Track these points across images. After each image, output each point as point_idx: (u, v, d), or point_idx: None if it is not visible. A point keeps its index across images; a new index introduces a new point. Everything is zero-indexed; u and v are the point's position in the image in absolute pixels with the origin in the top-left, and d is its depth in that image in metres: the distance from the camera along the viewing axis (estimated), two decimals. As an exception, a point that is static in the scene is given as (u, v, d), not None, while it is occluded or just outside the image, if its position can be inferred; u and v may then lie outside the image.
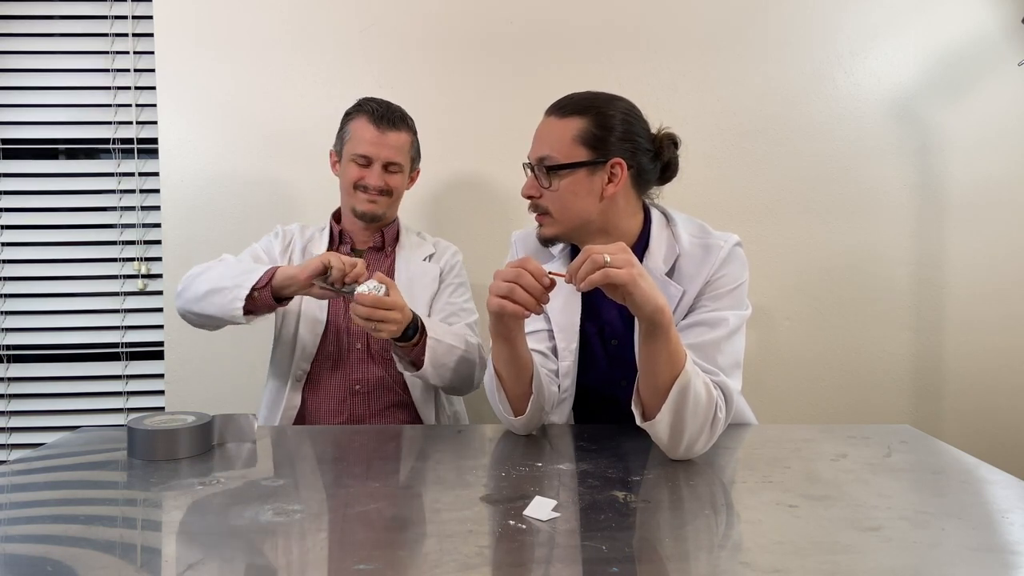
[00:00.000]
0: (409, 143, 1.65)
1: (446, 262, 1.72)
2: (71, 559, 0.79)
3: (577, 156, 1.24)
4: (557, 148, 1.25)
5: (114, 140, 2.09)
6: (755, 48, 2.06)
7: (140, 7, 2.07)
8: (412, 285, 1.64)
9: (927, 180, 2.08)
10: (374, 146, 1.59)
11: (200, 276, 1.49)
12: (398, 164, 1.62)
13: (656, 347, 1.06)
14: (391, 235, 1.71)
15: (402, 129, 1.62)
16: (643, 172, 1.29)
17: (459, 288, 1.70)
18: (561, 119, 1.26)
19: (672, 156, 1.32)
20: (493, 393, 1.25)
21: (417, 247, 1.73)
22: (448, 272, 1.71)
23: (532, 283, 1.08)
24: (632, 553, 0.80)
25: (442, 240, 1.78)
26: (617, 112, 1.26)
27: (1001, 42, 2.04)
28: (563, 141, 1.24)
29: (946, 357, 2.11)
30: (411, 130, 1.66)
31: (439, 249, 1.74)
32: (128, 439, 1.18)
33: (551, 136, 1.26)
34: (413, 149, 1.67)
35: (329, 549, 0.82)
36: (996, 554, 0.80)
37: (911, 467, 1.11)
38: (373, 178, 1.60)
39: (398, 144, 1.61)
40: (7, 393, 2.13)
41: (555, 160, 1.24)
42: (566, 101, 1.28)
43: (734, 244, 1.28)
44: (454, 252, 1.75)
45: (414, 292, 1.63)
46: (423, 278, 1.67)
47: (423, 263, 1.70)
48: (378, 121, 1.59)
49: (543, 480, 1.04)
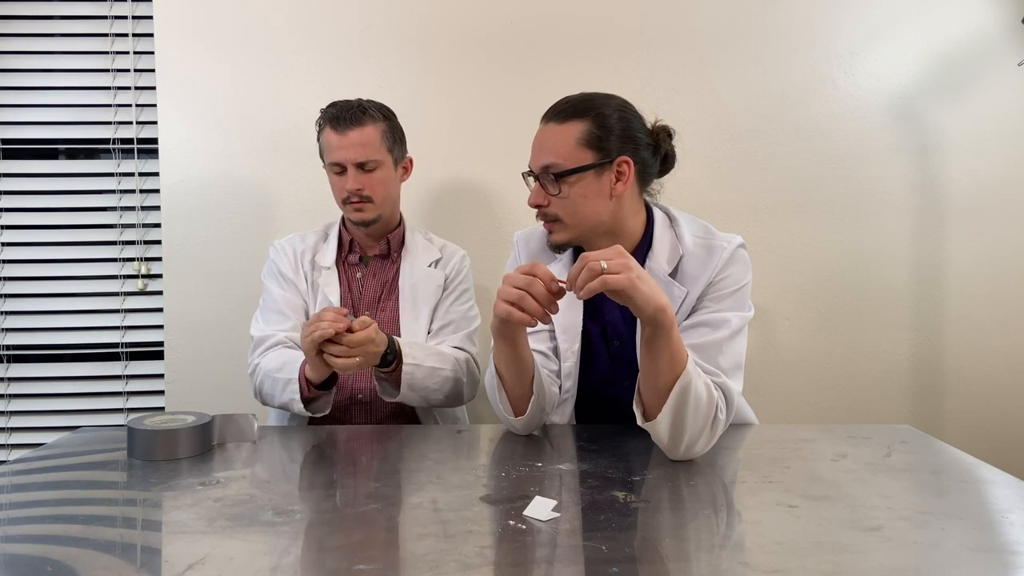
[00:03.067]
0: (378, 135, 1.56)
1: (452, 267, 1.68)
2: (71, 559, 0.79)
3: (583, 159, 1.24)
4: (562, 154, 1.24)
5: (114, 140, 2.09)
6: (755, 48, 2.06)
7: (140, 7, 2.07)
8: (416, 292, 1.63)
9: (927, 180, 2.08)
10: (339, 150, 1.54)
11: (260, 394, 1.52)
12: (373, 161, 1.55)
13: (658, 347, 1.06)
14: (396, 241, 1.68)
15: (365, 123, 1.54)
16: (646, 167, 1.29)
17: (463, 295, 1.67)
18: (561, 124, 1.25)
19: (669, 148, 1.32)
20: (494, 393, 1.25)
21: (423, 252, 1.69)
22: (453, 278, 1.67)
23: (543, 292, 1.08)
24: (632, 553, 0.80)
25: (450, 244, 1.74)
26: (615, 111, 1.26)
27: (1001, 42, 2.04)
28: (567, 146, 1.24)
29: (946, 357, 2.11)
30: (378, 119, 1.57)
31: (445, 254, 1.70)
32: (128, 439, 1.18)
33: (553, 143, 1.25)
34: (387, 139, 1.58)
35: (329, 549, 0.82)
36: (996, 554, 0.80)
37: (911, 467, 1.11)
38: (349, 183, 1.55)
39: (363, 140, 1.54)
40: (7, 393, 2.12)
41: (562, 166, 1.24)
42: (563, 106, 1.27)
43: (737, 245, 1.28)
44: (461, 257, 1.71)
45: (418, 299, 1.62)
46: (427, 285, 1.64)
47: (428, 269, 1.66)
48: (335, 124, 1.54)
49: (543, 480, 1.04)
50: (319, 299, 1.61)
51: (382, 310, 1.63)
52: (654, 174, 1.33)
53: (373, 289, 1.65)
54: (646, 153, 1.28)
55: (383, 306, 1.64)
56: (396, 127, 1.63)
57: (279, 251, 1.67)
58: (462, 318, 1.65)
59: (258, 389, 1.52)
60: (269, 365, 1.47)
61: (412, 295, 1.62)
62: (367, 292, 1.64)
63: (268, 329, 1.57)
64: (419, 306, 1.62)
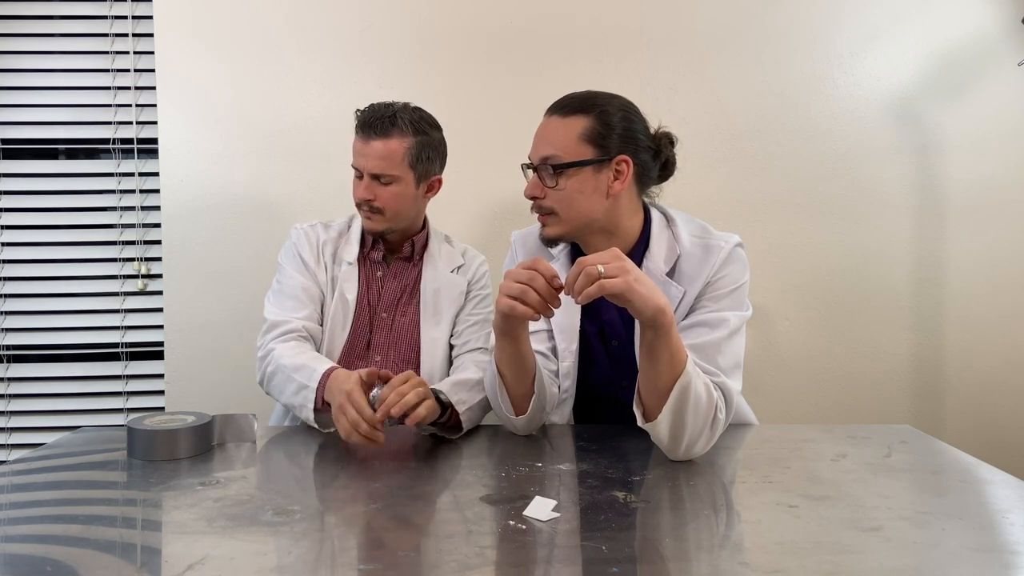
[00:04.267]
0: (402, 150, 1.48)
1: (474, 272, 1.65)
2: (71, 559, 0.79)
3: (583, 154, 1.24)
4: (562, 147, 1.24)
5: (114, 140, 2.09)
6: (755, 48, 2.06)
7: (140, 7, 2.07)
8: (439, 298, 1.59)
9: (927, 180, 2.08)
10: (359, 156, 1.50)
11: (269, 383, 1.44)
12: (389, 176, 1.48)
13: (658, 348, 1.06)
14: (420, 244, 1.63)
15: (391, 135, 1.47)
16: (645, 170, 1.29)
17: (485, 299, 1.65)
18: (564, 118, 1.26)
19: (670, 154, 1.32)
20: (494, 392, 1.25)
21: (446, 257, 1.64)
22: (475, 282, 1.65)
23: (544, 286, 1.07)
24: (632, 553, 0.80)
25: (470, 248, 1.71)
26: (618, 110, 1.26)
27: (1001, 42, 2.04)
28: (568, 140, 1.24)
29: (946, 357, 2.11)
30: (407, 133, 1.49)
31: (467, 259, 1.67)
32: (128, 439, 1.18)
33: (555, 135, 1.26)
34: (411, 155, 1.50)
35: (329, 549, 0.82)
36: (996, 554, 0.80)
37: (911, 467, 1.11)
38: (360, 192, 1.50)
39: (384, 153, 1.47)
40: (7, 393, 2.12)
41: (560, 159, 1.24)
42: (567, 100, 1.28)
43: (735, 245, 1.28)
44: (481, 262, 1.68)
45: (439, 305, 1.59)
46: (451, 291, 1.61)
47: (451, 275, 1.62)
48: (363, 129, 1.49)
49: (543, 480, 1.04)
50: (336, 295, 1.56)
51: (402, 314, 1.60)
52: (653, 178, 1.33)
53: (393, 291, 1.61)
54: (646, 156, 1.28)
55: (403, 310, 1.60)
56: (430, 143, 1.53)
57: (302, 235, 1.61)
58: (485, 320, 1.62)
59: (267, 377, 1.45)
60: (286, 360, 1.40)
61: (434, 300, 1.59)
62: (387, 293, 1.61)
63: (284, 315, 1.51)
64: (440, 312, 1.59)
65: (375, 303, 1.60)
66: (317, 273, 1.57)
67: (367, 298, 1.59)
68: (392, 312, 1.60)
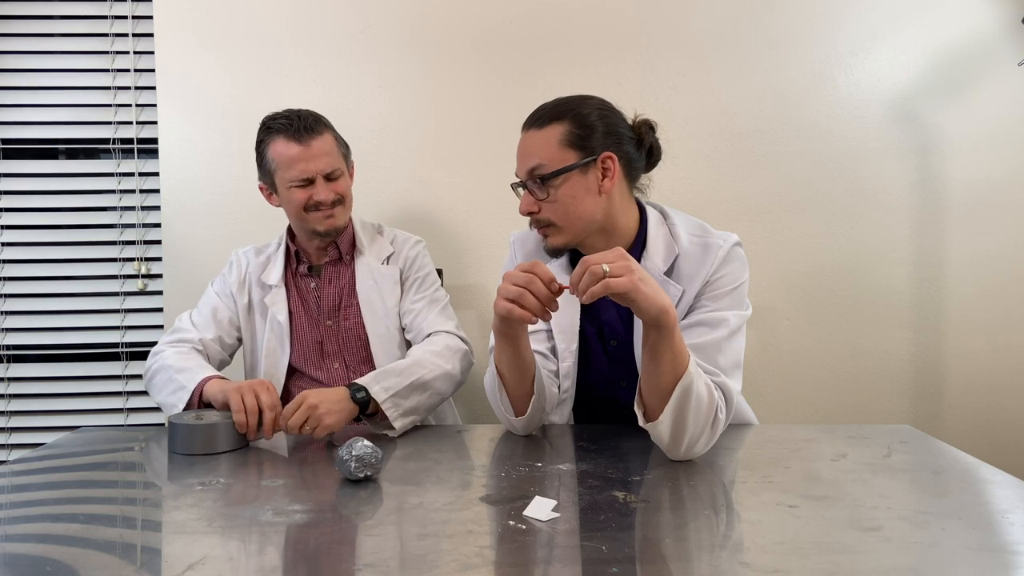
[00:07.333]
0: (334, 141, 1.54)
1: (404, 258, 1.64)
2: (71, 559, 0.79)
3: (567, 159, 1.24)
4: (545, 157, 1.24)
5: (114, 140, 2.09)
6: (755, 48, 2.06)
7: (140, 7, 2.07)
8: (375, 293, 1.59)
9: (927, 180, 2.08)
10: (306, 162, 1.48)
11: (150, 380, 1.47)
12: (339, 169, 1.53)
13: (660, 348, 1.06)
14: (346, 244, 1.62)
15: (322, 131, 1.51)
16: (631, 161, 1.29)
17: (424, 282, 1.63)
18: (541, 129, 1.26)
19: (653, 140, 1.32)
20: (494, 393, 1.25)
21: (376, 249, 1.64)
22: (408, 269, 1.63)
23: (542, 290, 1.07)
24: (632, 553, 0.80)
25: (400, 232, 1.69)
26: (593, 110, 1.26)
27: (1001, 42, 2.04)
28: (549, 148, 1.24)
29: (946, 357, 2.11)
30: (328, 126, 1.54)
31: (396, 245, 1.66)
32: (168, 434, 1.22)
33: (536, 147, 1.26)
34: (341, 145, 1.56)
35: (329, 549, 0.82)
36: (996, 554, 0.80)
37: (911, 467, 1.11)
38: (323, 194, 1.50)
39: (326, 148, 1.51)
40: (7, 393, 2.13)
41: (547, 169, 1.24)
42: (540, 112, 1.28)
43: (733, 243, 1.28)
44: (413, 244, 1.66)
45: (379, 300, 1.59)
46: (386, 283, 1.60)
47: (383, 267, 1.62)
48: (297, 135, 1.48)
49: (543, 480, 1.04)
50: (269, 319, 1.59)
51: (345, 318, 1.60)
52: (640, 168, 1.33)
53: (331, 297, 1.60)
54: (630, 147, 1.28)
55: (345, 314, 1.60)
56: (338, 134, 1.59)
57: (234, 261, 1.66)
58: (429, 301, 1.60)
59: (150, 373, 1.48)
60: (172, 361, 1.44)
61: (372, 297, 1.59)
62: (326, 301, 1.60)
63: (187, 327, 1.57)
64: (386, 305, 1.58)
65: (316, 314, 1.61)
66: (238, 299, 1.61)
67: (305, 313, 1.61)
68: (336, 318, 1.61)
